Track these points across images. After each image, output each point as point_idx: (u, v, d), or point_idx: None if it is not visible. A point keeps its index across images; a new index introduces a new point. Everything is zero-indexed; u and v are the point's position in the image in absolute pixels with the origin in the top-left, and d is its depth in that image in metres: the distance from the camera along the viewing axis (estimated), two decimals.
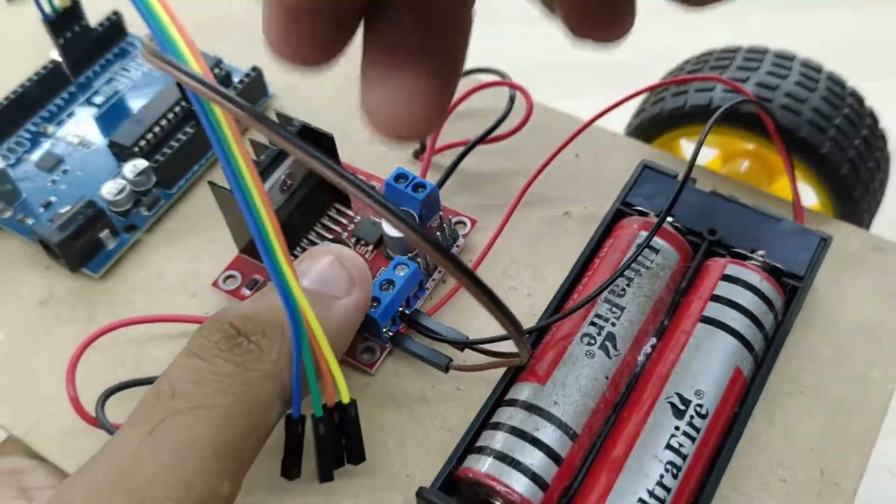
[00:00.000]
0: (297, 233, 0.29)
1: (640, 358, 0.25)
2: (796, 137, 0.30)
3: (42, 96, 0.35)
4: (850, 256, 0.29)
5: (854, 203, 0.31)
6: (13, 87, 0.34)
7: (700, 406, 0.23)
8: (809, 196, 0.32)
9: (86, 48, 0.36)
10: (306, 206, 0.29)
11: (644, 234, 0.26)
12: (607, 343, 0.24)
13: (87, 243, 0.29)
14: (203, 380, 0.21)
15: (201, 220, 0.32)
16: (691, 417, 0.23)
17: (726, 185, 0.31)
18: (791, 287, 0.26)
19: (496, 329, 0.25)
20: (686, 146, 0.38)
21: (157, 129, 0.32)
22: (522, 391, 0.24)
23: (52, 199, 0.32)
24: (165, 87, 0.33)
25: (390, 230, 0.28)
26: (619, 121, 0.36)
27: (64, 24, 0.34)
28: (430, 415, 0.27)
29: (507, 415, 0.23)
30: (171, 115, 0.32)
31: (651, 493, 0.22)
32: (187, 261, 0.31)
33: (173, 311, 0.29)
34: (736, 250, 0.27)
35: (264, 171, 0.27)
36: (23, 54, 0.36)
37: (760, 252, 0.26)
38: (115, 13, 0.37)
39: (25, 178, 0.33)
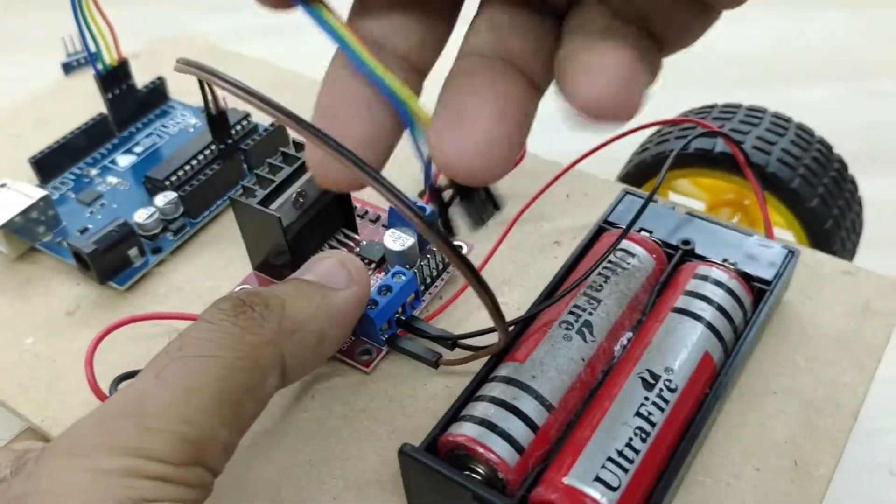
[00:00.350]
0: (306, 249, 0.32)
1: (617, 349, 0.27)
2: (765, 173, 0.32)
3: (88, 145, 0.39)
4: (822, 277, 0.31)
5: (826, 235, 0.33)
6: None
7: (669, 381, 0.24)
8: (786, 236, 0.35)
9: (131, 105, 0.40)
10: (317, 224, 0.32)
11: (625, 242, 0.29)
12: (584, 329, 0.26)
13: (116, 257, 0.32)
14: (211, 336, 0.23)
15: (222, 246, 0.35)
16: (661, 390, 0.24)
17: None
18: (759, 290, 0.28)
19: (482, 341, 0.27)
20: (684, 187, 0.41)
21: (187, 167, 0.36)
22: (503, 369, 0.26)
23: (89, 226, 0.35)
24: (195, 135, 0.37)
25: (391, 244, 0.31)
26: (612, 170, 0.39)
27: (113, 81, 0.38)
28: (420, 408, 0.28)
29: (488, 388, 0.25)
30: (200, 156, 0.36)
31: (620, 453, 0.23)
32: (206, 278, 0.33)
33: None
34: (709, 260, 0.29)
35: (280, 186, 0.30)
36: (80, 117, 0.40)
37: (731, 261, 0.28)
38: (160, 78, 0.41)
39: (66, 210, 0.36)
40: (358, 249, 0.33)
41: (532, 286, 0.32)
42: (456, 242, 0.33)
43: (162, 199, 0.34)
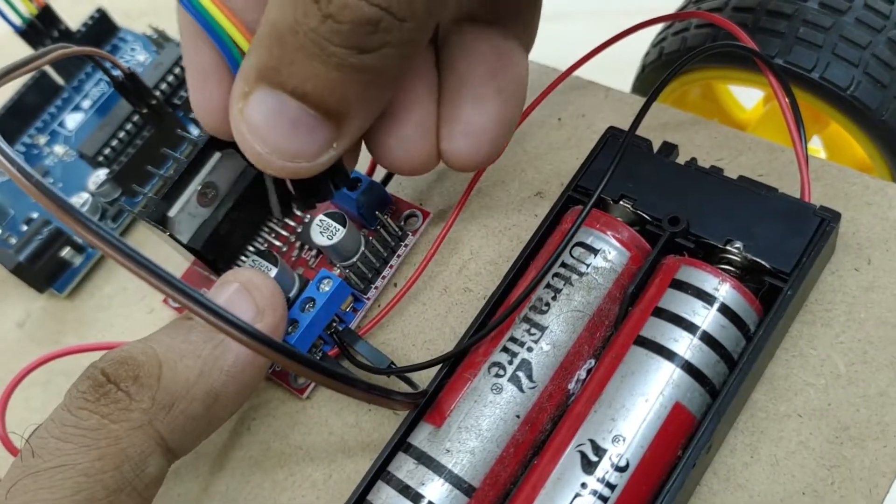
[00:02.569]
0: (234, 246, 0.27)
1: (572, 386, 0.21)
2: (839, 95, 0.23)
3: (36, 107, 0.35)
4: (890, 228, 0.22)
5: None
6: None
7: (618, 457, 0.19)
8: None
9: None
10: (239, 216, 0.26)
11: (585, 230, 0.22)
12: (519, 374, 0.20)
13: (48, 263, 0.29)
14: (66, 435, 0.20)
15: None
16: (605, 472, 0.18)
17: (728, 147, 0.25)
18: (773, 288, 0.20)
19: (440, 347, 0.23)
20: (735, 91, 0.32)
21: (117, 138, 0.31)
22: (419, 434, 0.21)
23: (34, 215, 0.32)
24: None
25: (319, 239, 0.25)
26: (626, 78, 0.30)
27: (39, 33, 0.33)
28: (363, 443, 0.24)
29: (397, 464, 0.20)
30: (129, 125, 0.31)
31: None
32: None
33: (131, 329, 0.28)
34: (707, 242, 0.21)
35: (175, 185, 0.25)
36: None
37: (737, 244, 0.21)
38: (99, 10, 0.35)
39: (14, 195, 0.33)
40: (293, 238, 0.27)
41: (505, 261, 0.25)
42: (409, 212, 0.27)
43: (95, 181, 0.30)
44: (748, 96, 0.33)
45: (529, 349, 0.20)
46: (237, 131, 0.19)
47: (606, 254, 0.21)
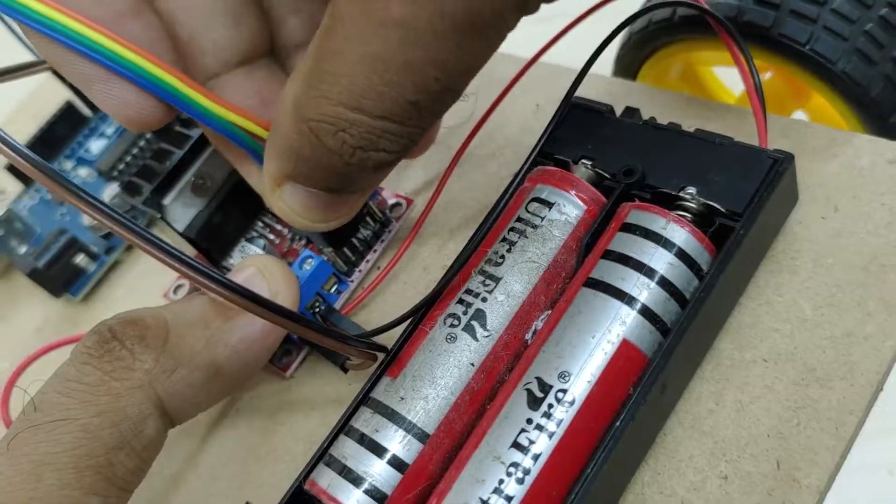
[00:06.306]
0: (228, 236, 0.28)
1: (529, 336, 0.21)
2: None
3: (62, 137, 0.37)
4: (857, 176, 0.22)
5: (889, 129, 0.24)
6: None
7: (563, 392, 0.18)
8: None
9: None
10: (233, 207, 0.28)
11: (541, 187, 0.22)
12: (474, 323, 0.20)
13: (63, 269, 0.31)
14: (68, 390, 0.20)
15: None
16: (549, 407, 0.18)
17: (700, 116, 0.25)
18: (727, 229, 0.20)
19: None
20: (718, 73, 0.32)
21: (130, 154, 0.33)
22: (379, 387, 0.21)
23: (63, 229, 0.34)
24: None
25: None
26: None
27: None
28: (342, 416, 0.24)
29: (357, 416, 0.21)
30: (142, 141, 0.33)
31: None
32: (158, 275, 0.31)
33: None
34: (662, 191, 0.21)
35: (169, 175, 0.27)
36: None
37: (691, 189, 0.21)
38: None
39: (43, 214, 0.35)
40: (287, 231, 0.28)
41: None
42: (393, 199, 0.28)
43: (109, 194, 0.32)
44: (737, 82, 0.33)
45: (484, 299, 0.21)
46: (280, 212, 0.21)
47: (561, 206, 0.21)
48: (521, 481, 0.18)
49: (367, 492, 0.19)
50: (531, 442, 0.18)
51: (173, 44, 0.21)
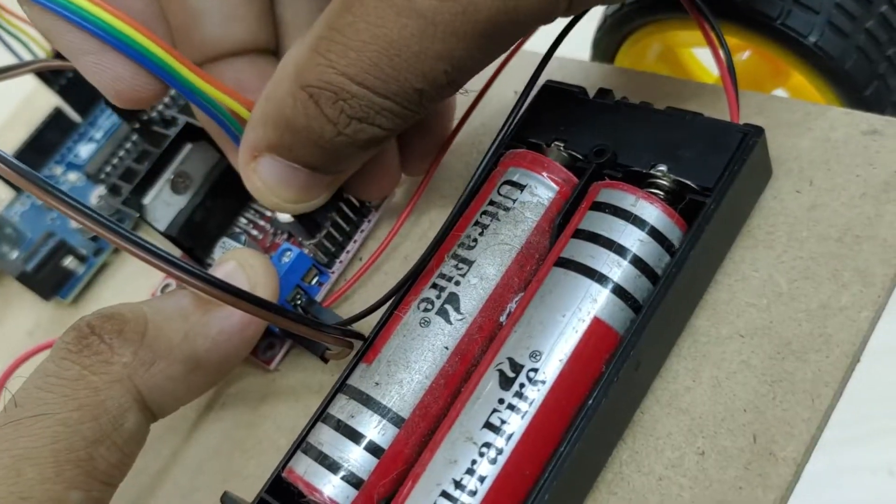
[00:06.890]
0: (210, 234, 0.28)
1: (504, 319, 0.21)
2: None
3: (52, 144, 0.37)
4: (831, 148, 0.22)
5: (867, 103, 0.23)
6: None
7: (534, 371, 0.18)
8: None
9: (88, 85, 0.38)
10: (213, 204, 0.28)
11: (512, 169, 0.22)
12: (447, 307, 0.20)
13: (52, 273, 0.31)
14: (47, 385, 0.20)
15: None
16: (521, 386, 0.18)
17: (675, 95, 0.25)
18: (698, 204, 0.20)
19: None
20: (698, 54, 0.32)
21: (121, 153, 0.33)
22: (354, 374, 0.21)
23: (52, 233, 0.34)
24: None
25: (283, 217, 0.26)
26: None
27: (57, 71, 0.36)
28: None
29: (333, 403, 0.21)
30: (128, 143, 0.33)
31: (458, 484, 0.18)
32: (146, 275, 0.31)
33: None
34: (634, 170, 0.21)
35: (148, 175, 0.27)
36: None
37: (661, 167, 0.21)
38: None
39: (33, 219, 0.35)
40: (269, 227, 0.28)
41: None
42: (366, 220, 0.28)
43: (96, 196, 0.32)
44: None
45: (457, 283, 0.21)
46: (252, 185, 0.21)
47: (533, 188, 0.21)
48: (493, 461, 0.18)
49: (343, 477, 0.19)
50: (503, 422, 0.18)
51: (169, 25, 0.22)
